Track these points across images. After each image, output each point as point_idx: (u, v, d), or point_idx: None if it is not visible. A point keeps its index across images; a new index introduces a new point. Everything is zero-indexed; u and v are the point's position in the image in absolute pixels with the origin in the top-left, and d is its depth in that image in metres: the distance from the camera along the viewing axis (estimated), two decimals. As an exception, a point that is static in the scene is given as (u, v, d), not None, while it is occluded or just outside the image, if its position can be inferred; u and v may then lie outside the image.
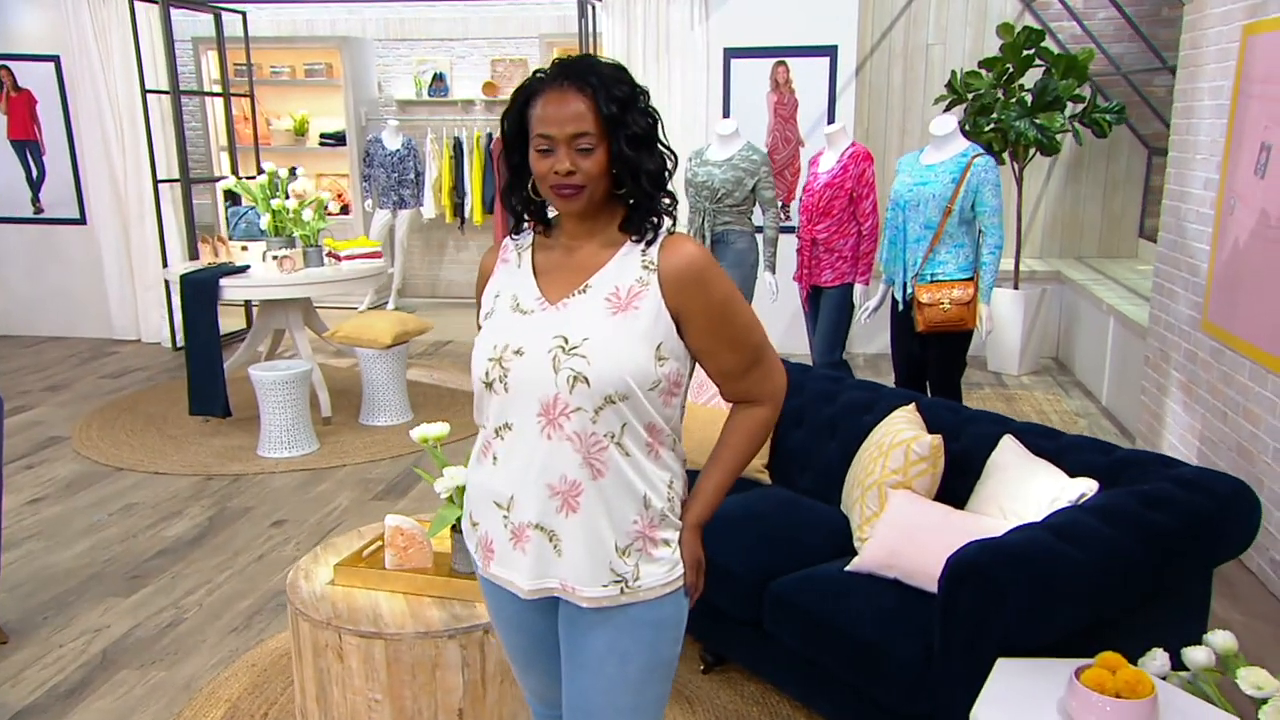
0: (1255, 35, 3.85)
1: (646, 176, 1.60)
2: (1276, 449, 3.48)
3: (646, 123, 1.59)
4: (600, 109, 1.55)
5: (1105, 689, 1.78)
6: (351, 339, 5.39)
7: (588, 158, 1.56)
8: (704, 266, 1.62)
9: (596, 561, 1.63)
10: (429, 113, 9.36)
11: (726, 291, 1.65)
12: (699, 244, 1.67)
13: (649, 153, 1.60)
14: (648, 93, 1.62)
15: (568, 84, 1.56)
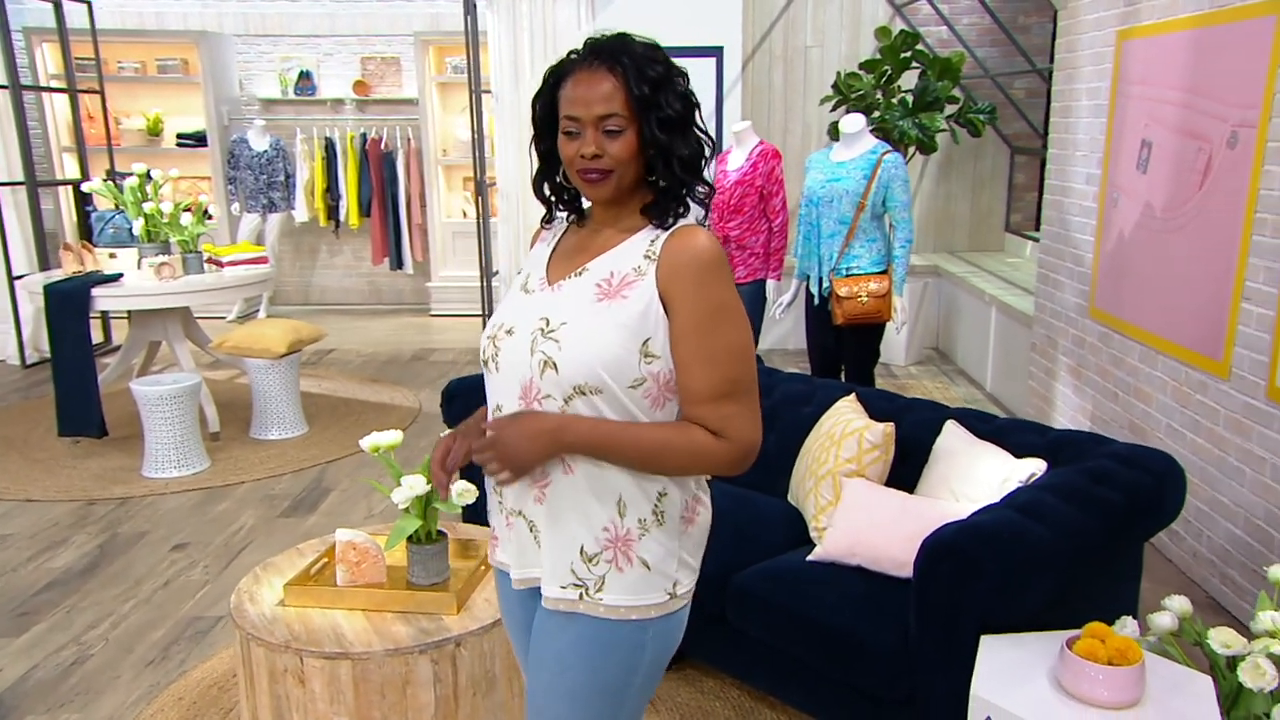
0: (1129, 40, 4.13)
1: (680, 162, 1.51)
2: (1169, 425, 3.73)
3: (681, 106, 1.51)
4: (630, 89, 1.48)
5: (1097, 657, 1.86)
6: (240, 349, 5.12)
7: (616, 140, 1.49)
8: (708, 262, 1.49)
9: (560, 559, 1.58)
10: (296, 112, 9.00)
11: (723, 300, 1.50)
12: (713, 238, 1.54)
13: (683, 137, 1.52)
14: (686, 74, 1.55)
15: (598, 63, 1.50)
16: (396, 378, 6.50)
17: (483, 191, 6.72)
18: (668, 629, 1.61)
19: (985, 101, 6.65)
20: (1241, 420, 3.25)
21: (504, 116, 6.78)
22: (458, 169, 8.81)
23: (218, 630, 3.28)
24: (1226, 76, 3.39)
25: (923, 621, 2.26)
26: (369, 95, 8.94)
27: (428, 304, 8.84)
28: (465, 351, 7.26)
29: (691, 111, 1.54)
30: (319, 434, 5.30)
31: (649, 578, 1.56)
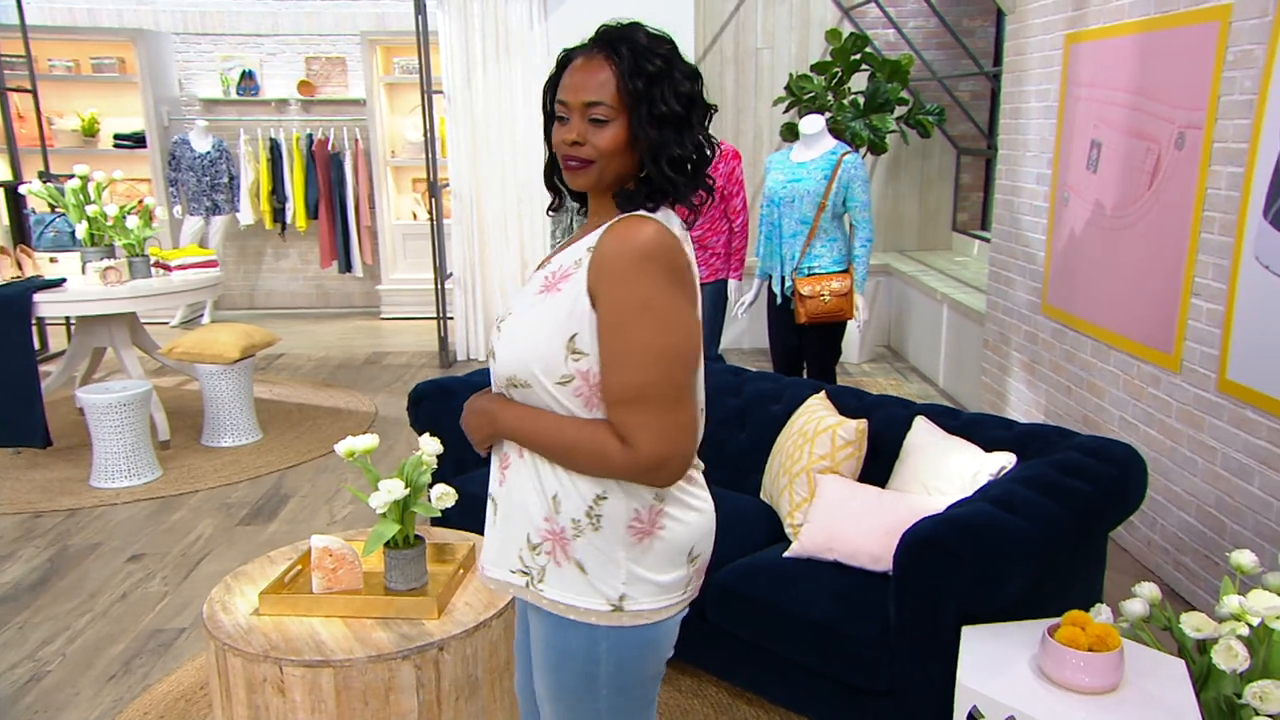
0: (1078, 44, 4.24)
1: (670, 161, 1.46)
2: (1121, 417, 3.84)
3: (680, 104, 1.45)
4: (624, 80, 1.45)
5: (1079, 644, 1.91)
6: (192, 355, 5.01)
7: (601, 130, 1.46)
8: (641, 255, 1.40)
9: (509, 542, 1.60)
10: (239, 113, 8.83)
11: (648, 298, 1.39)
12: (660, 231, 1.43)
13: (676, 135, 1.46)
14: (695, 74, 1.51)
15: (597, 51, 1.49)
16: (350, 382, 6.41)
17: (436, 193, 6.67)
18: (625, 646, 1.54)
19: (933, 103, 6.76)
20: (1193, 412, 3.36)
21: (456, 117, 6.74)
22: (407, 170, 8.72)
23: (182, 642, 3.21)
24: (1173, 80, 3.50)
25: (903, 613, 2.30)
26: (314, 96, 8.82)
27: (378, 307, 8.74)
28: (419, 354, 7.18)
29: (692, 112, 1.49)
30: (274, 440, 5.21)
31: (586, 581, 1.51)
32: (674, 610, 1.57)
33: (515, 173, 6.77)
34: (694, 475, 1.59)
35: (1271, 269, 2.95)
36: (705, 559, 1.61)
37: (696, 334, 1.47)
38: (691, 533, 1.55)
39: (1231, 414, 3.16)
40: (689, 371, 1.44)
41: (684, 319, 1.43)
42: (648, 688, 1.63)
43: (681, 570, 1.55)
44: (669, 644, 1.61)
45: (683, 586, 1.57)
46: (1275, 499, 2.96)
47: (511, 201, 6.80)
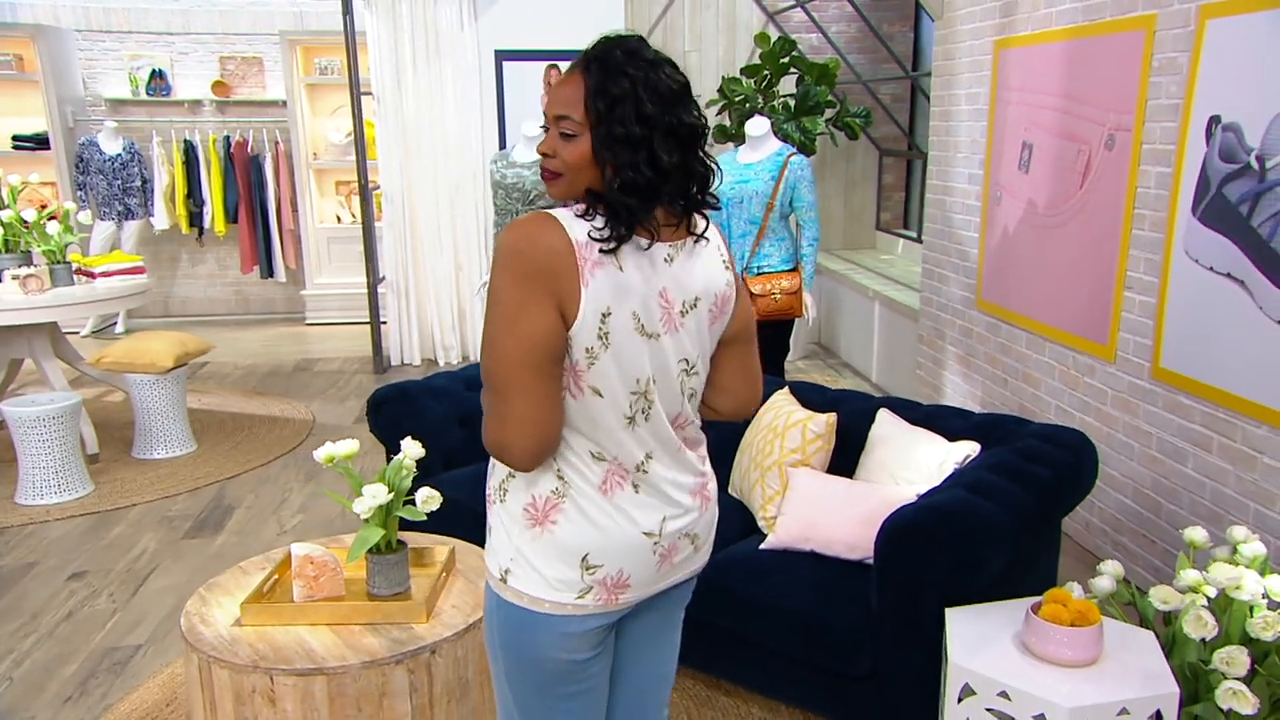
0: (1007, 49, 4.43)
1: (621, 184, 1.46)
2: (1058, 406, 4.02)
3: (640, 127, 1.45)
4: (590, 98, 1.48)
5: (1061, 620, 2.02)
6: (122, 364, 4.85)
7: (568, 144, 1.50)
8: (498, 251, 1.48)
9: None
10: (149, 113, 8.54)
11: (495, 292, 1.47)
12: (517, 228, 1.47)
13: (632, 157, 1.46)
14: (673, 97, 1.49)
15: (576, 66, 1.53)
16: (282, 390, 6.28)
17: (367, 196, 6.57)
18: (510, 620, 1.59)
19: (857, 106, 6.95)
20: (1128, 399, 3.55)
21: (386, 119, 6.66)
22: (330, 172, 8.56)
23: (139, 659, 3.11)
24: (1102, 84, 3.69)
25: (885, 599, 2.39)
26: (230, 96, 8.59)
27: (302, 312, 8.55)
28: (351, 360, 7.07)
29: (654, 135, 1.46)
30: (209, 451, 5.07)
31: (491, 545, 1.65)
32: (561, 609, 1.57)
33: (448, 175, 6.72)
34: (621, 493, 1.56)
35: (1201, 263, 3.15)
36: (611, 574, 1.57)
37: (542, 335, 1.44)
38: (584, 541, 1.55)
39: (1165, 400, 3.35)
40: (526, 368, 1.44)
41: (527, 319, 1.44)
42: (545, 673, 1.62)
43: (573, 572, 1.56)
44: (561, 642, 1.59)
45: (575, 589, 1.56)
46: (1209, 479, 3.15)
47: (444, 204, 6.75)
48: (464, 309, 6.95)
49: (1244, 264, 2.95)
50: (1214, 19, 3.10)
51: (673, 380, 1.58)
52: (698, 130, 1.53)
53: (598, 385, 1.52)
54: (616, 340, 1.50)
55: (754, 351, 1.74)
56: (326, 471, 4.78)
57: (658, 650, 1.82)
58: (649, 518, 1.59)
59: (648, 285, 1.51)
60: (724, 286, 1.63)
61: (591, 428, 1.54)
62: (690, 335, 1.59)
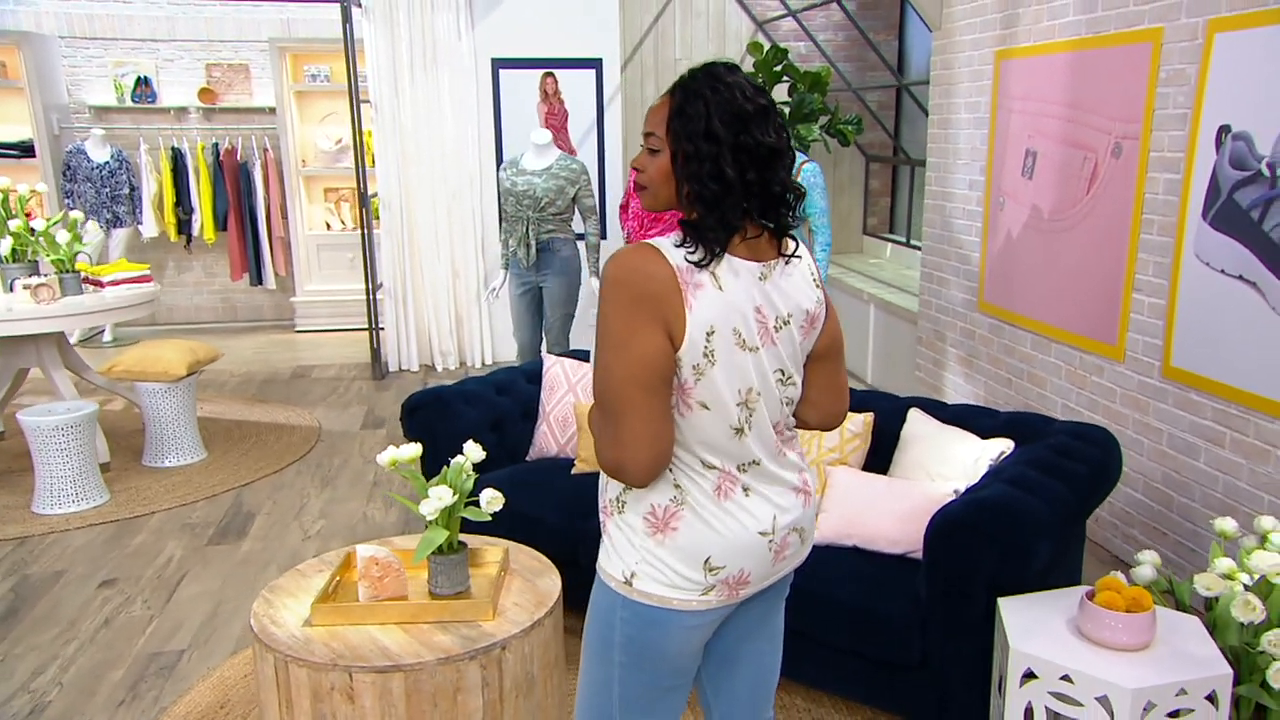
0: (1008, 59, 4.57)
1: (686, 195, 1.58)
2: (1064, 405, 4.16)
3: (707, 144, 1.54)
4: (670, 117, 1.59)
5: (1117, 606, 2.13)
6: (134, 373, 4.84)
7: (653, 159, 1.62)
8: (604, 281, 1.57)
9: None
10: (135, 121, 8.49)
11: (601, 319, 1.57)
12: (623, 259, 1.56)
13: (699, 169, 1.55)
14: (737, 117, 1.55)
15: (671, 89, 1.63)
16: (283, 397, 6.27)
17: (365, 203, 6.59)
18: (635, 619, 1.67)
19: (848, 113, 7.09)
20: (1138, 397, 3.68)
21: (384, 127, 6.69)
22: (319, 179, 8.56)
23: (185, 664, 3.13)
24: (1108, 94, 3.83)
25: (935, 590, 2.48)
26: (216, 103, 8.56)
27: (291, 320, 8.53)
28: (349, 367, 7.07)
29: (720, 152, 1.54)
30: (220, 458, 5.07)
31: (611, 551, 1.71)
32: (687, 605, 1.66)
33: (445, 183, 6.76)
34: (734, 497, 1.65)
35: (1212, 265, 3.28)
36: (733, 574, 1.66)
37: (651, 357, 1.53)
38: (705, 545, 1.64)
39: (1176, 397, 3.48)
40: (638, 390, 1.53)
41: (636, 343, 1.52)
42: (660, 668, 1.72)
43: (697, 574, 1.64)
44: (685, 636, 1.69)
45: (700, 589, 1.65)
46: (1221, 473, 3.28)
47: (442, 211, 6.78)
48: (461, 315, 6.98)
49: (1256, 266, 3.09)
50: (1222, 33, 3.24)
51: (773, 389, 1.67)
52: (774, 150, 1.58)
53: (705, 400, 1.60)
54: (721, 356, 1.58)
55: (841, 368, 1.82)
56: (342, 477, 4.81)
57: (766, 640, 1.90)
58: (762, 518, 1.67)
59: (744, 302, 1.60)
60: (814, 305, 1.70)
61: (701, 440, 1.63)
62: (784, 348, 1.67)
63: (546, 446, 3.61)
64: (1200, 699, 2.03)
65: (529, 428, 3.66)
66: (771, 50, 6.77)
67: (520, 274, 5.08)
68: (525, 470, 3.46)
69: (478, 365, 6.96)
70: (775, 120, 1.60)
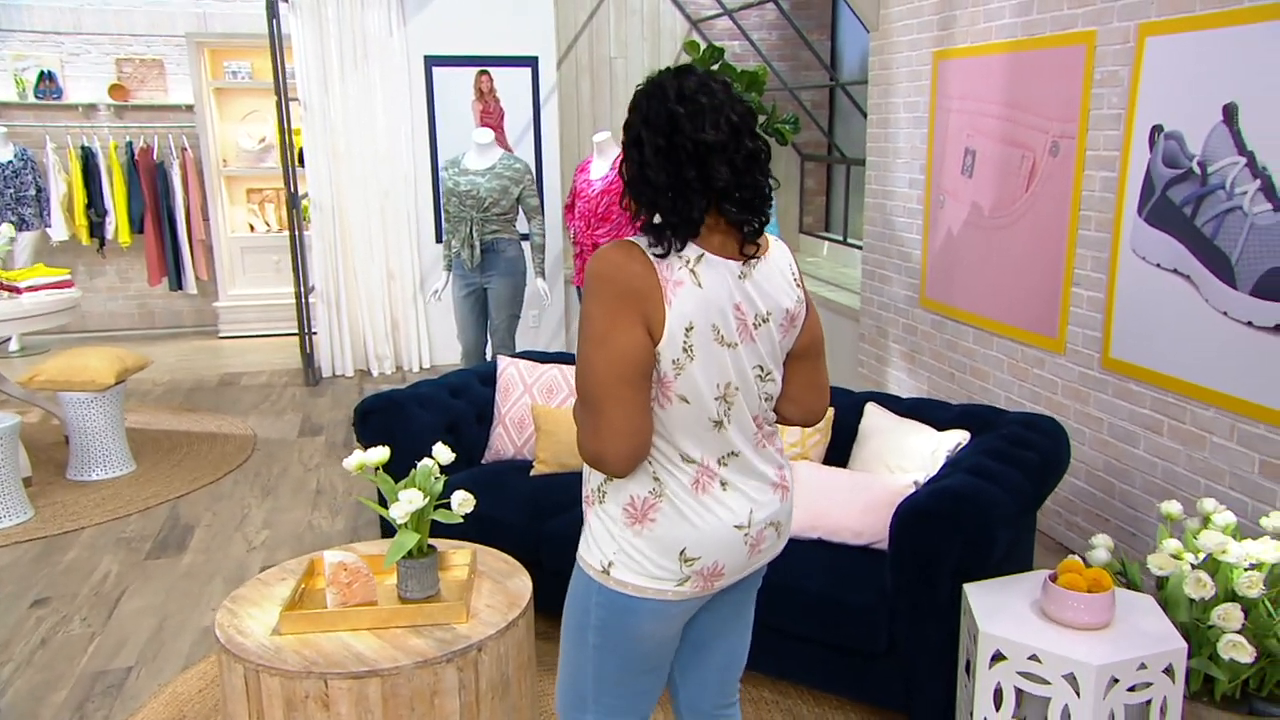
0: (946, 60, 4.74)
1: (635, 199, 1.67)
2: (1007, 397, 4.34)
3: (636, 152, 1.64)
4: (625, 125, 1.68)
5: (1079, 588, 2.26)
6: (58, 383, 4.71)
7: (623, 166, 1.72)
8: (588, 277, 1.66)
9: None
10: (39, 118, 8.23)
11: (584, 314, 1.66)
12: (608, 254, 1.64)
13: (633, 180, 1.66)
14: (660, 118, 1.61)
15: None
16: (213, 405, 6.16)
17: (295, 204, 6.51)
18: (610, 605, 1.75)
19: (784, 113, 7.24)
20: (1079, 388, 3.87)
21: (313, 125, 6.62)
22: (241, 180, 8.40)
23: (133, 681, 3.08)
24: (1045, 95, 4.01)
25: (901, 578, 2.59)
26: (129, 100, 8.34)
27: (214, 325, 8.36)
28: (280, 373, 6.97)
29: (645, 160, 1.62)
30: (151, 470, 4.97)
31: (590, 541, 1.79)
32: (662, 595, 1.73)
33: (379, 183, 6.71)
34: (711, 491, 1.71)
35: (1148, 260, 3.47)
36: (708, 565, 1.73)
37: (631, 352, 1.60)
38: (680, 537, 1.71)
39: (1116, 388, 3.67)
40: (618, 383, 1.60)
41: (617, 338, 1.59)
42: (633, 653, 1.81)
43: (673, 564, 1.72)
44: (658, 624, 1.77)
45: (675, 579, 1.72)
46: (1160, 459, 3.47)
47: (375, 211, 6.74)
48: (397, 318, 6.94)
49: (1190, 260, 3.28)
50: (1153, 36, 3.43)
51: (751, 385, 1.73)
52: (714, 145, 1.60)
53: (685, 394, 1.67)
54: (700, 351, 1.65)
55: (822, 366, 1.90)
56: (283, 486, 4.76)
57: (737, 631, 1.99)
58: (739, 512, 1.75)
59: (723, 299, 1.66)
60: (794, 304, 1.77)
61: (681, 433, 1.70)
62: (763, 345, 1.73)
63: (503, 449, 3.64)
64: (1158, 673, 2.17)
65: (484, 431, 3.69)
66: (708, 50, 6.88)
67: (464, 275, 5.09)
68: (483, 473, 3.49)
69: (415, 370, 6.92)
70: (722, 116, 1.61)
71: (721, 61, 6.87)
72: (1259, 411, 3.04)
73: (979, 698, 2.29)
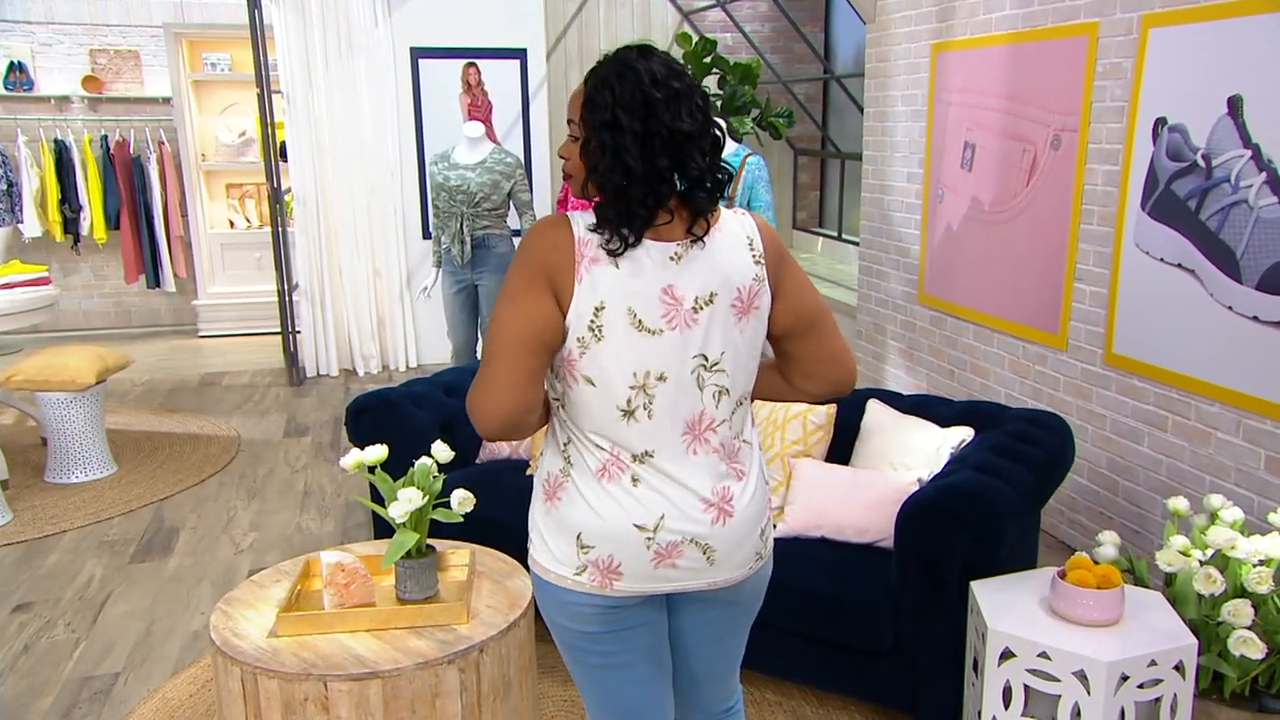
0: (945, 52, 4.78)
1: (600, 186, 1.61)
2: (1008, 394, 4.38)
3: (608, 135, 1.57)
4: (584, 105, 1.62)
5: (1088, 584, 2.29)
6: (36, 382, 4.69)
7: (572, 147, 1.66)
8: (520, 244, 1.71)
9: None
10: (9, 110, 8.18)
11: (507, 278, 1.68)
12: (537, 227, 1.66)
13: (599, 160, 1.58)
14: (651, 102, 1.57)
15: (587, 74, 1.66)
16: (194, 406, 6.15)
17: (279, 199, 6.50)
18: (536, 589, 1.82)
19: (777, 106, 7.27)
20: (1081, 385, 3.91)
21: (297, 119, 6.61)
22: (221, 174, 8.38)
23: (122, 687, 3.08)
24: (1046, 87, 4.06)
25: (908, 575, 2.62)
26: (103, 93, 8.30)
27: (193, 324, 8.33)
28: (262, 373, 6.95)
29: (623, 142, 1.57)
30: (133, 472, 4.96)
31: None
32: (563, 582, 1.74)
33: (364, 176, 6.71)
34: (617, 482, 1.69)
35: (1152, 254, 3.52)
36: (603, 558, 1.70)
37: (537, 317, 1.61)
38: (578, 520, 1.71)
39: (1119, 384, 3.71)
40: (516, 342, 1.61)
41: (526, 301, 1.61)
42: (562, 643, 1.85)
43: (570, 549, 1.72)
44: (575, 614, 1.77)
45: (572, 566, 1.72)
46: (1165, 456, 3.52)
47: (360, 206, 6.74)
48: (384, 316, 6.94)
49: (1194, 255, 3.32)
50: (1156, 28, 3.47)
51: (687, 376, 1.66)
52: (688, 134, 1.58)
53: (590, 375, 1.65)
54: (610, 334, 1.62)
55: (829, 335, 1.77)
56: (270, 488, 4.76)
57: (714, 656, 1.98)
58: (643, 512, 1.69)
59: (647, 283, 1.61)
60: (750, 280, 1.66)
61: (588, 416, 1.68)
62: (706, 331, 1.65)
63: (498, 449, 3.65)
64: (1169, 669, 2.20)
65: (478, 429, 3.70)
66: (700, 42, 6.91)
67: (454, 272, 5.10)
68: (478, 472, 3.50)
69: (402, 369, 6.92)
70: (692, 103, 1.60)
71: (714, 54, 6.90)
72: (1265, 407, 3.09)
73: (987, 696, 2.32)
